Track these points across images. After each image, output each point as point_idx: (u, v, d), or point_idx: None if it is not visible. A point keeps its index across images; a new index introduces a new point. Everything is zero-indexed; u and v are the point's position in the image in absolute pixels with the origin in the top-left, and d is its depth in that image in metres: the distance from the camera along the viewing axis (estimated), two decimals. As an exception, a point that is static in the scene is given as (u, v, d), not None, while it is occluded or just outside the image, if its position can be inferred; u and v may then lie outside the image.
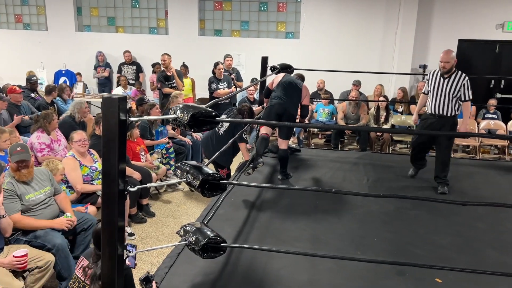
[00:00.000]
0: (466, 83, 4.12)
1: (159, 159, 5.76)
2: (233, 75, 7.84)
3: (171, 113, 2.01)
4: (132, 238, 4.46)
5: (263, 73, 5.38)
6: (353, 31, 8.84)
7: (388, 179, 4.66)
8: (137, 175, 4.79)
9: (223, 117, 5.21)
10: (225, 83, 7.46)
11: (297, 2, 9.13)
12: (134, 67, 9.42)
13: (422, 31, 8.51)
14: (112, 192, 1.89)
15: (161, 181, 5.54)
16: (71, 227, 3.51)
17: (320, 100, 7.98)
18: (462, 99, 4.17)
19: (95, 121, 5.05)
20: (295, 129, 7.19)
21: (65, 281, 3.34)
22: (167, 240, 4.50)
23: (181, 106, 2.00)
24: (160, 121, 6.06)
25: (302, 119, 4.91)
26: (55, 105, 7.01)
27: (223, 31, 9.60)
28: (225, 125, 5.05)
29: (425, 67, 8.61)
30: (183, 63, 8.60)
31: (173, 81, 7.39)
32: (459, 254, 3.10)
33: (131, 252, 2.03)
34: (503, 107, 7.96)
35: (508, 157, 7.26)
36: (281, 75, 4.65)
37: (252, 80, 8.25)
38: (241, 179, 4.30)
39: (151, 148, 5.78)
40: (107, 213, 1.92)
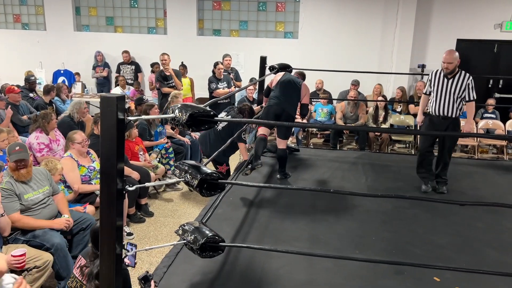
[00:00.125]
0: (470, 83, 4.03)
1: (158, 159, 5.76)
2: (232, 75, 7.84)
3: (170, 112, 2.01)
4: (130, 237, 4.46)
5: (262, 73, 5.39)
6: (352, 30, 8.84)
7: (386, 178, 4.67)
8: (135, 175, 4.78)
9: (223, 114, 5.23)
10: (225, 83, 7.46)
11: (296, 2, 9.13)
12: (132, 67, 9.40)
13: (420, 30, 8.52)
14: (110, 191, 1.89)
15: (159, 181, 5.54)
16: (67, 229, 3.51)
17: (318, 100, 7.98)
18: (466, 99, 4.09)
19: (94, 120, 5.06)
20: (293, 129, 7.20)
21: (63, 280, 3.34)
22: (165, 239, 4.50)
23: (179, 105, 2.00)
24: (159, 121, 6.06)
25: (301, 117, 4.91)
26: (53, 105, 7.00)
27: (222, 31, 9.60)
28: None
29: (423, 66, 8.61)
30: (182, 62, 8.59)
31: (172, 81, 7.39)
32: (458, 253, 3.10)
33: (130, 251, 2.03)
34: (502, 107, 7.98)
35: (506, 157, 7.27)
36: (281, 74, 4.64)
37: (250, 80, 8.25)
38: (240, 179, 4.30)
39: (150, 148, 5.78)
40: (105, 212, 1.92)
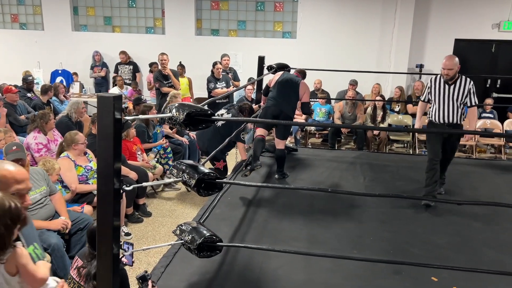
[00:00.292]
0: (472, 88, 3.93)
1: (156, 159, 5.75)
2: (230, 75, 7.84)
3: (167, 112, 2.01)
4: (128, 237, 4.45)
5: (260, 72, 5.39)
6: (350, 30, 8.84)
7: (385, 178, 4.67)
8: (133, 175, 4.77)
9: (224, 111, 5.24)
10: (223, 82, 7.45)
11: (294, 1, 9.12)
12: (130, 67, 9.39)
13: (418, 30, 8.52)
14: (107, 191, 1.88)
15: (157, 181, 5.53)
16: (64, 230, 3.49)
17: (317, 99, 7.99)
18: (468, 105, 3.98)
19: (92, 120, 5.05)
20: (292, 129, 7.20)
21: (61, 281, 3.33)
22: (163, 239, 4.49)
23: (176, 105, 2.00)
24: (157, 122, 6.05)
25: (304, 116, 4.93)
26: (51, 105, 6.99)
27: (220, 30, 9.59)
28: (225, 117, 5.09)
29: (421, 66, 8.62)
30: (180, 62, 8.58)
31: (170, 81, 7.38)
32: (456, 253, 3.10)
33: (127, 250, 2.02)
34: (500, 107, 7.98)
35: (504, 157, 7.28)
36: (280, 74, 4.64)
37: (249, 79, 8.25)
38: (238, 179, 4.29)
39: (148, 148, 5.76)
40: (102, 212, 1.92)
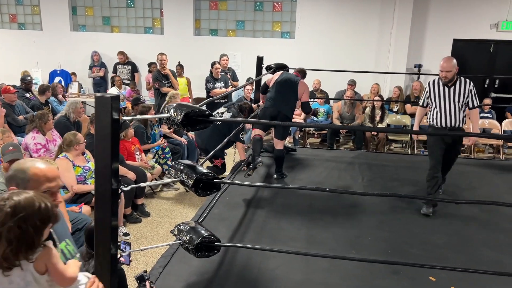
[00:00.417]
0: (473, 89, 3.83)
1: (155, 159, 5.74)
2: (229, 75, 7.84)
3: (165, 112, 2.01)
4: (127, 238, 4.44)
5: (259, 72, 5.39)
6: (349, 30, 8.84)
7: (383, 178, 4.67)
8: (131, 175, 4.77)
9: (224, 110, 5.26)
10: (222, 82, 7.45)
11: (293, 1, 9.13)
12: (129, 67, 9.38)
13: (417, 30, 8.53)
14: (105, 191, 1.88)
15: (156, 181, 5.52)
16: None
17: (315, 100, 7.99)
18: (470, 106, 3.88)
19: (90, 120, 5.04)
20: (290, 129, 7.20)
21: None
22: (162, 239, 4.49)
23: (174, 105, 2.00)
24: (156, 122, 6.04)
25: (306, 115, 4.94)
26: (50, 105, 6.98)
27: (218, 30, 9.59)
28: (225, 115, 5.09)
29: (420, 66, 8.63)
30: (179, 62, 8.58)
31: (169, 81, 7.38)
32: (454, 253, 3.11)
33: (124, 250, 2.02)
34: (498, 107, 8.00)
35: (502, 156, 7.29)
36: (279, 73, 4.65)
37: (247, 79, 8.24)
38: (236, 178, 4.29)
39: (147, 149, 5.76)
40: (100, 212, 1.92)
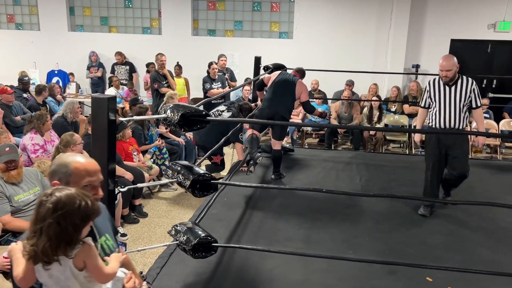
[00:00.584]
0: (475, 88, 3.65)
1: (153, 160, 5.74)
2: (227, 75, 7.84)
3: (162, 112, 2.01)
4: (124, 238, 4.43)
5: (257, 73, 5.39)
6: (347, 30, 8.85)
7: (381, 178, 4.68)
8: (129, 176, 4.76)
9: (224, 108, 5.26)
10: (219, 83, 7.45)
11: (291, 2, 9.13)
12: (127, 67, 9.37)
13: (414, 31, 8.54)
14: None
15: (153, 181, 5.52)
16: None
17: (313, 100, 7.99)
18: (473, 106, 3.71)
19: (88, 121, 5.04)
20: (288, 129, 7.21)
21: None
22: (159, 240, 4.48)
23: (171, 105, 2.00)
24: (153, 122, 6.04)
25: (301, 116, 4.96)
26: (47, 105, 6.96)
27: (216, 31, 9.58)
28: (224, 114, 5.10)
29: (418, 66, 8.64)
30: (178, 63, 8.57)
31: (167, 81, 7.38)
32: (451, 253, 3.11)
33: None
34: (495, 107, 8.02)
35: (500, 156, 7.30)
36: (277, 73, 4.64)
37: (245, 80, 8.25)
38: (234, 179, 4.29)
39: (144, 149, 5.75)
40: (97, 213, 1.91)
